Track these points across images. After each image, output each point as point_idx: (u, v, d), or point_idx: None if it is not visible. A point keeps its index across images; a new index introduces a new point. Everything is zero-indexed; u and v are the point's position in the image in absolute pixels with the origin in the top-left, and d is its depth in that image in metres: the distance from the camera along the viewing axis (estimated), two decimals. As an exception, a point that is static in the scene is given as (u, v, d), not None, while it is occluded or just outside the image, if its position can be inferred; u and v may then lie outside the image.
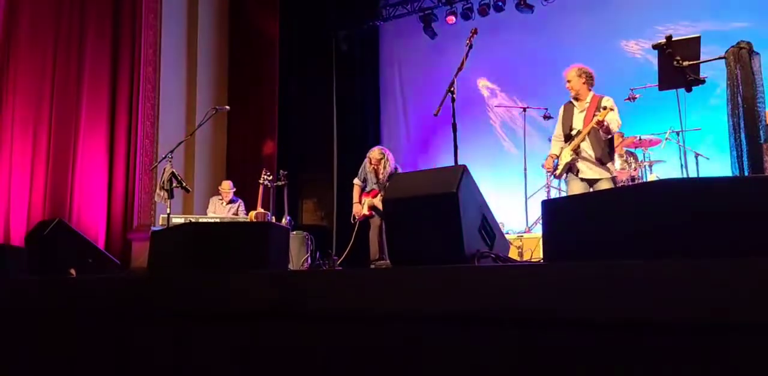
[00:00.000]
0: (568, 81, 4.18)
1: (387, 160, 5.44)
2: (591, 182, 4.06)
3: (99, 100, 7.19)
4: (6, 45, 6.79)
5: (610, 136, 4.07)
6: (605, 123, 3.88)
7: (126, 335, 1.93)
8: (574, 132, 4.14)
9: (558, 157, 4.22)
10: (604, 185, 3.98)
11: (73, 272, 2.67)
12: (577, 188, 4.09)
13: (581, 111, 4.16)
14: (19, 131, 6.90)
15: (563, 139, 4.24)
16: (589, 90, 4.18)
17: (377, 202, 5.41)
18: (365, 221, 5.58)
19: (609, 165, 4.08)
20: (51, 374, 2.08)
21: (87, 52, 7.18)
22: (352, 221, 5.66)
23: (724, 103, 3.45)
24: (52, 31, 7.05)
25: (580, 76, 4.15)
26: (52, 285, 2.22)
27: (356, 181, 5.66)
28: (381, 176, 5.44)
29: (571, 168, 4.10)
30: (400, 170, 5.46)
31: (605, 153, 4.06)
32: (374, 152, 5.52)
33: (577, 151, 4.07)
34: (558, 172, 4.20)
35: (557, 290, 1.20)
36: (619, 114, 4.03)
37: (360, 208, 5.55)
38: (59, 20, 7.13)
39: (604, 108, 3.90)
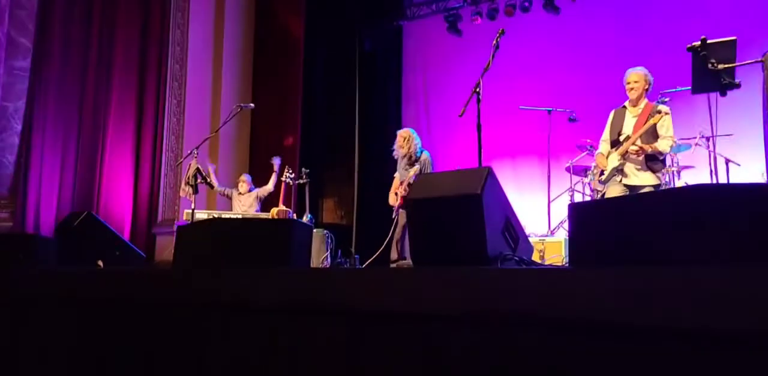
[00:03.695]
0: (635, 82, 4.00)
1: (410, 139, 5.27)
2: (634, 189, 3.92)
3: (127, 97, 7.33)
4: (40, 41, 6.95)
5: (662, 153, 3.95)
6: (650, 149, 3.84)
7: (152, 326, 1.96)
8: (622, 137, 4.02)
9: (606, 158, 4.12)
10: None
11: (100, 263, 2.73)
12: (615, 192, 3.97)
13: (633, 116, 4.04)
14: (50, 126, 7.06)
15: (610, 144, 4.13)
16: (645, 96, 4.07)
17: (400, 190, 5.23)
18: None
19: (658, 173, 3.96)
20: (78, 361, 2.13)
21: (117, 49, 7.31)
22: (393, 217, 5.41)
23: (757, 108, 3.37)
24: (83, 30, 7.19)
25: (645, 80, 4.02)
26: (82, 275, 2.26)
27: (396, 175, 5.49)
28: (404, 156, 5.28)
29: (619, 172, 3.99)
30: (426, 154, 5.32)
31: (656, 159, 3.94)
32: (399, 134, 5.38)
33: (625, 155, 3.95)
34: (605, 177, 4.09)
35: (583, 294, 1.19)
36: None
37: (393, 198, 5.36)
38: (90, 19, 7.27)
39: (659, 112, 3.82)
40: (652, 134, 3.91)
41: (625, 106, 4.14)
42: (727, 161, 4.92)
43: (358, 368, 1.52)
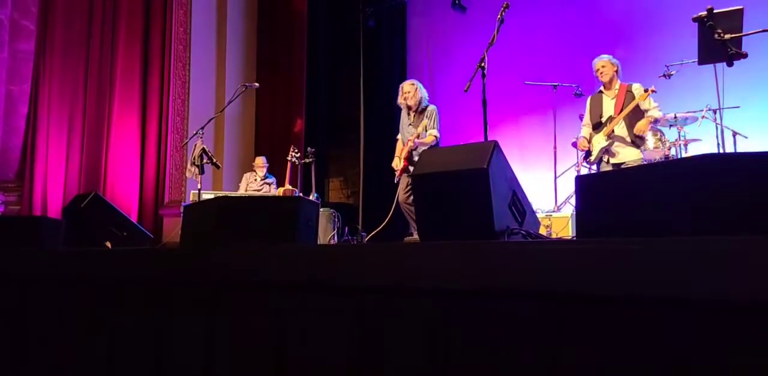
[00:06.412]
0: (603, 67, 4.41)
1: (416, 91, 5.13)
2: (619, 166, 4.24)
3: (132, 78, 7.29)
4: (43, 23, 6.90)
5: (658, 120, 4.34)
6: (649, 124, 4.23)
7: (160, 305, 1.98)
8: (604, 119, 4.34)
9: (589, 141, 4.43)
10: None
11: (108, 244, 2.74)
12: None
13: (611, 98, 4.39)
14: (55, 109, 7.06)
15: (592, 127, 4.45)
16: (618, 79, 4.45)
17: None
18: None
19: (642, 146, 4.33)
20: (86, 342, 2.16)
21: (120, 30, 7.27)
22: (395, 182, 5.27)
23: (765, 80, 3.33)
24: (85, 11, 7.14)
25: (611, 63, 4.42)
26: (90, 256, 2.28)
27: (399, 136, 5.36)
28: (411, 106, 5.08)
29: (606, 152, 4.32)
30: (429, 103, 5.17)
31: (640, 137, 4.28)
32: (404, 85, 5.22)
33: (611, 135, 4.28)
34: (592, 158, 4.40)
35: (590, 267, 1.19)
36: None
37: (398, 161, 5.15)
38: (92, 0, 7.20)
39: (644, 90, 4.23)
40: (636, 112, 4.26)
41: (601, 91, 4.47)
42: (735, 134, 4.88)
43: (364, 344, 1.53)
